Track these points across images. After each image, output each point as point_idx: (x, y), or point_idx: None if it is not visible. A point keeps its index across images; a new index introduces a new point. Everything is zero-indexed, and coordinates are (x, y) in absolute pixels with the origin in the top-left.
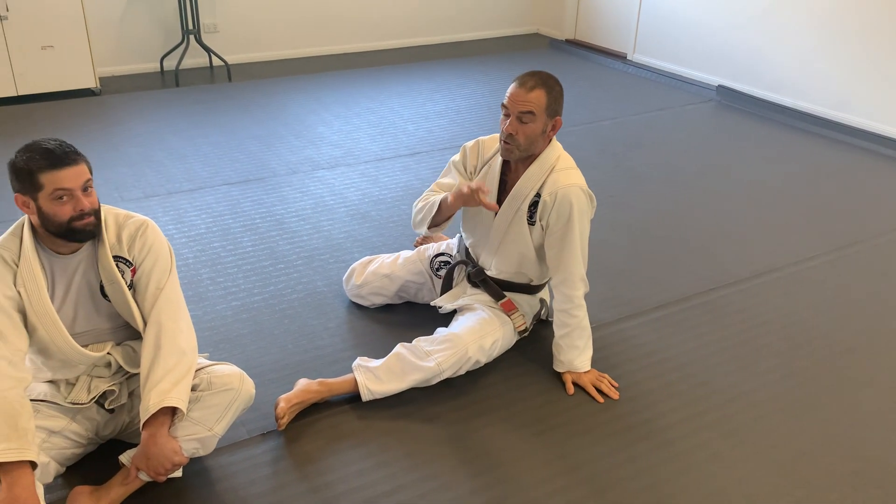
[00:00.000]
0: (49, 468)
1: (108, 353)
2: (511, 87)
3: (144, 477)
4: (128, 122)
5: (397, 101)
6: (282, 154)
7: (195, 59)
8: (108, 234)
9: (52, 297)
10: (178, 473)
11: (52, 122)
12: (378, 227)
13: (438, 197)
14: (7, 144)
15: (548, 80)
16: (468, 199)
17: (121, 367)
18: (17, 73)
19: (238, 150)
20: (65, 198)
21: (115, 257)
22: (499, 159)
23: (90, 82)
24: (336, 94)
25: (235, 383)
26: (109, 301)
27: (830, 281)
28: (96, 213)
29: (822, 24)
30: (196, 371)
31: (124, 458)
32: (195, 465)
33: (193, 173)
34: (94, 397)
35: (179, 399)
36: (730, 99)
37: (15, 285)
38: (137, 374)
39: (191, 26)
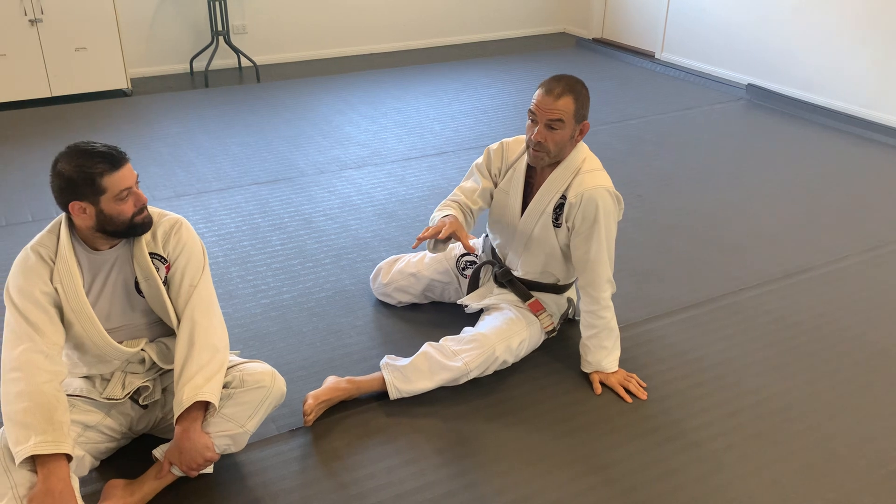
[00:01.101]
0: (84, 461)
1: (142, 350)
2: (537, 94)
3: (177, 471)
4: (158, 123)
5: (424, 101)
6: (309, 154)
7: (224, 60)
8: None
9: (87, 293)
10: (210, 469)
11: (84, 123)
12: (405, 226)
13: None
14: (42, 145)
15: (574, 86)
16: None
17: (154, 363)
18: (51, 75)
19: (266, 149)
20: (128, 196)
21: (151, 254)
22: (524, 162)
23: (122, 83)
24: (363, 94)
25: (267, 381)
26: (144, 297)
27: (863, 281)
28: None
29: (853, 21)
30: (228, 369)
31: (157, 452)
32: (226, 461)
33: (223, 173)
34: (128, 393)
35: (212, 394)
36: (759, 97)
37: (52, 282)
38: (171, 371)
39: (220, 28)
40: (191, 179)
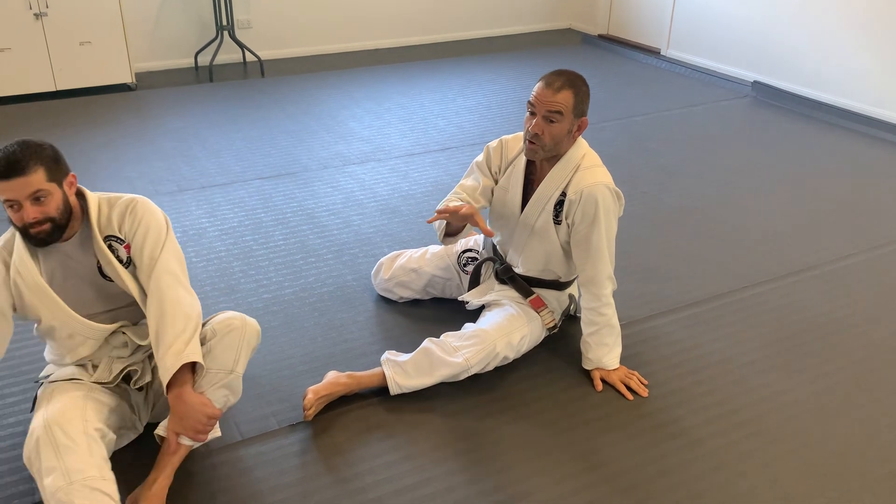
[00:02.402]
0: (111, 440)
1: (121, 331)
2: (537, 87)
3: (187, 441)
4: (163, 117)
5: (428, 96)
6: (313, 149)
7: (229, 54)
8: (100, 218)
9: (52, 282)
10: (218, 432)
11: (88, 117)
12: (407, 222)
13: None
14: (45, 139)
15: (575, 81)
16: (465, 217)
17: (139, 346)
18: (55, 69)
19: (270, 144)
20: (14, 206)
21: (109, 237)
22: (523, 159)
23: (126, 78)
24: (367, 89)
25: (237, 323)
26: (112, 281)
27: (867, 280)
28: (53, 219)
29: (860, 18)
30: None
31: (160, 430)
32: (225, 455)
33: (227, 167)
34: (116, 376)
35: (195, 354)
36: (765, 95)
37: (10, 275)
38: None
39: (225, 22)
40: (194, 174)
